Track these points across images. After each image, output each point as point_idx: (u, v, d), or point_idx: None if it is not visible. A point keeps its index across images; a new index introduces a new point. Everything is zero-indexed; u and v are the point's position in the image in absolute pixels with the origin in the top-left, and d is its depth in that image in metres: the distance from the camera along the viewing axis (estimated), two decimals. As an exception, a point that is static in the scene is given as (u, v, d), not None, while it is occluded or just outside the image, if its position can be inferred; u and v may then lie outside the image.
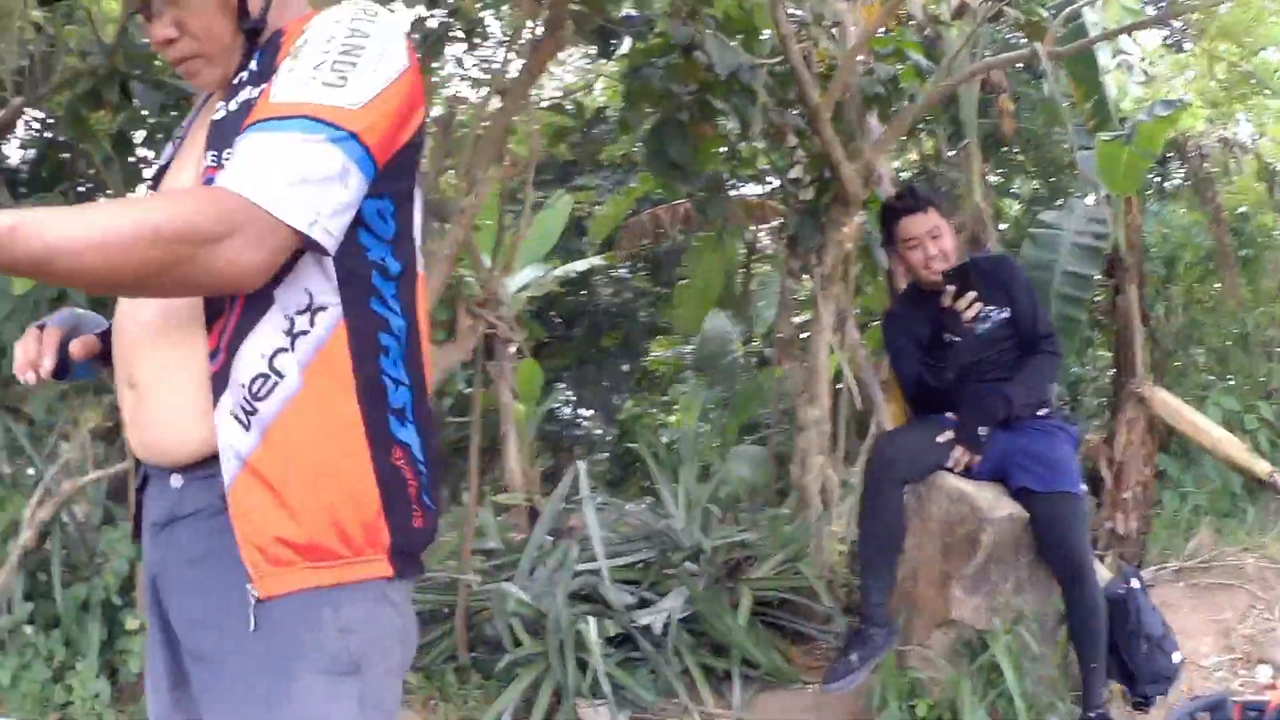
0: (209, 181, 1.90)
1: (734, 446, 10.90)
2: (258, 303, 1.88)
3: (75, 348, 2.14)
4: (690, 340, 13.03)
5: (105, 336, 2.19)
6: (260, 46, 2.07)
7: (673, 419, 16.35)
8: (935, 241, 5.17)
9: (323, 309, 1.91)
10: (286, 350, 1.88)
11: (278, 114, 1.82)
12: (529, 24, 6.25)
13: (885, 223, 5.39)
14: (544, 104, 12.31)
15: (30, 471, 6.56)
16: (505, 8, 7.43)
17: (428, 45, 6.71)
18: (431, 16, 6.80)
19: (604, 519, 7.43)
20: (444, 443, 16.91)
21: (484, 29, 7.78)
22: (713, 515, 7.24)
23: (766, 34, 6.89)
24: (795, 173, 7.18)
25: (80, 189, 7.69)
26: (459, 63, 8.10)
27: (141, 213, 1.68)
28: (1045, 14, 7.54)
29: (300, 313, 1.90)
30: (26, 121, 8.58)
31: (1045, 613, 5.15)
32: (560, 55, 10.65)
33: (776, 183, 7.67)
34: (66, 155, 7.46)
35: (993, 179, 10.55)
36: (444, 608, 6.52)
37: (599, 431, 17.26)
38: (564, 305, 14.69)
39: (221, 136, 1.95)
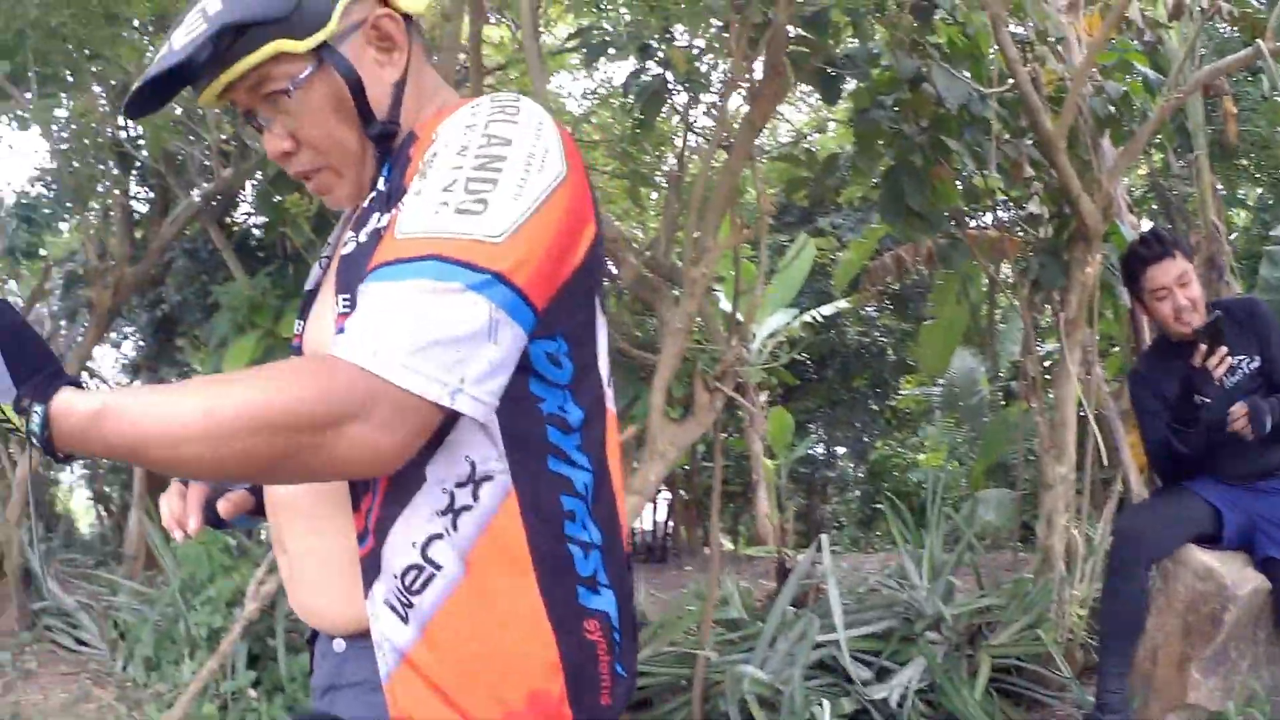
0: (342, 331, 1.50)
1: (980, 489, 10.42)
2: (406, 480, 1.51)
3: (223, 505, 1.85)
4: (937, 380, 12.58)
5: (259, 489, 1.88)
6: (393, 155, 1.68)
7: (922, 458, 16.04)
8: (1184, 290, 4.72)
9: (488, 479, 1.51)
10: (442, 536, 1.51)
11: (402, 255, 1.41)
12: (747, 70, 5.81)
13: (1129, 270, 4.95)
14: (775, 152, 12.01)
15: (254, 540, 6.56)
16: (723, 54, 7.12)
17: (645, 100, 6.47)
18: (645, 70, 6.54)
19: (848, 579, 7.17)
20: (699, 488, 17.06)
21: (704, 78, 7.50)
22: (954, 585, 6.77)
23: (991, 56, 6.34)
24: (1032, 207, 6.59)
25: (291, 267, 7.64)
26: (683, 115, 7.75)
27: (246, 396, 1.33)
28: (1257, 4, 6.84)
29: (461, 485, 1.51)
30: (254, 185, 8.60)
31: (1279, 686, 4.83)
32: (790, 97, 10.25)
33: (1014, 211, 7.17)
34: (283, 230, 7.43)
35: (1218, 187, 9.87)
36: (681, 680, 6.23)
37: (851, 468, 17.01)
38: (814, 348, 14.27)
39: (351, 276, 1.57)
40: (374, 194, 1.64)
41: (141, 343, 13.26)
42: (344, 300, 1.56)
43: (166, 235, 9.89)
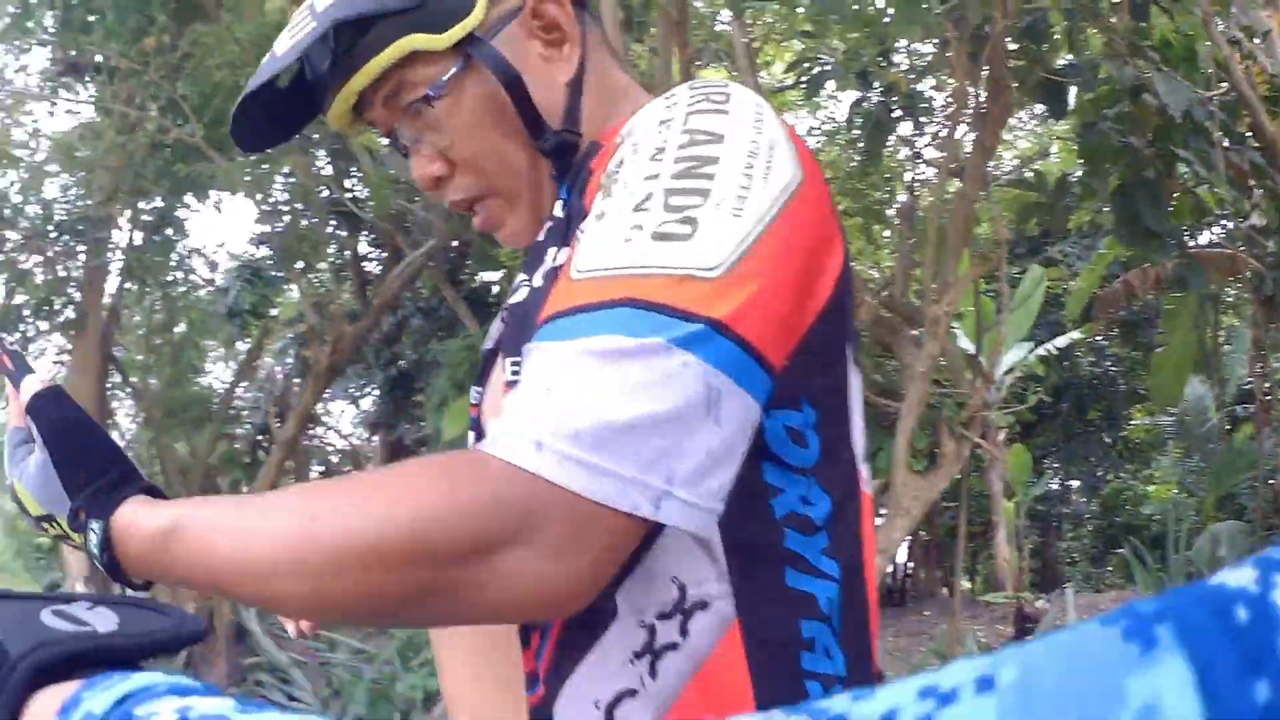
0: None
1: (1212, 522, 10.02)
2: (590, 612, 1.06)
3: None
4: (1168, 409, 12.24)
5: None
6: (572, 172, 1.28)
7: (1151, 489, 15.58)
8: None
9: (702, 606, 1.09)
10: (637, 692, 1.10)
11: (581, 301, 0.99)
12: (971, 91, 5.67)
13: None
14: (1003, 178, 11.82)
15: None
16: (944, 76, 7.02)
17: (870, 129, 6.31)
18: (867, 98, 6.41)
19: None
20: (939, 529, 16.69)
21: (927, 102, 7.42)
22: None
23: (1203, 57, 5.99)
24: (1255, 218, 6.26)
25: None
26: (909, 144, 7.68)
27: (353, 515, 0.96)
28: None
29: (664, 616, 1.09)
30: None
31: None
32: (1010, 121, 10.12)
33: (1236, 225, 6.90)
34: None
35: None
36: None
37: (1084, 502, 16.62)
38: (1048, 382, 13.99)
39: (520, 332, 1.17)
40: (550, 223, 1.26)
41: (379, 400, 13.57)
42: (512, 366, 1.17)
43: (388, 293, 10.02)
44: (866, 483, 1.22)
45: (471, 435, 1.31)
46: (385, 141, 1.36)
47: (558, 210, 1.25)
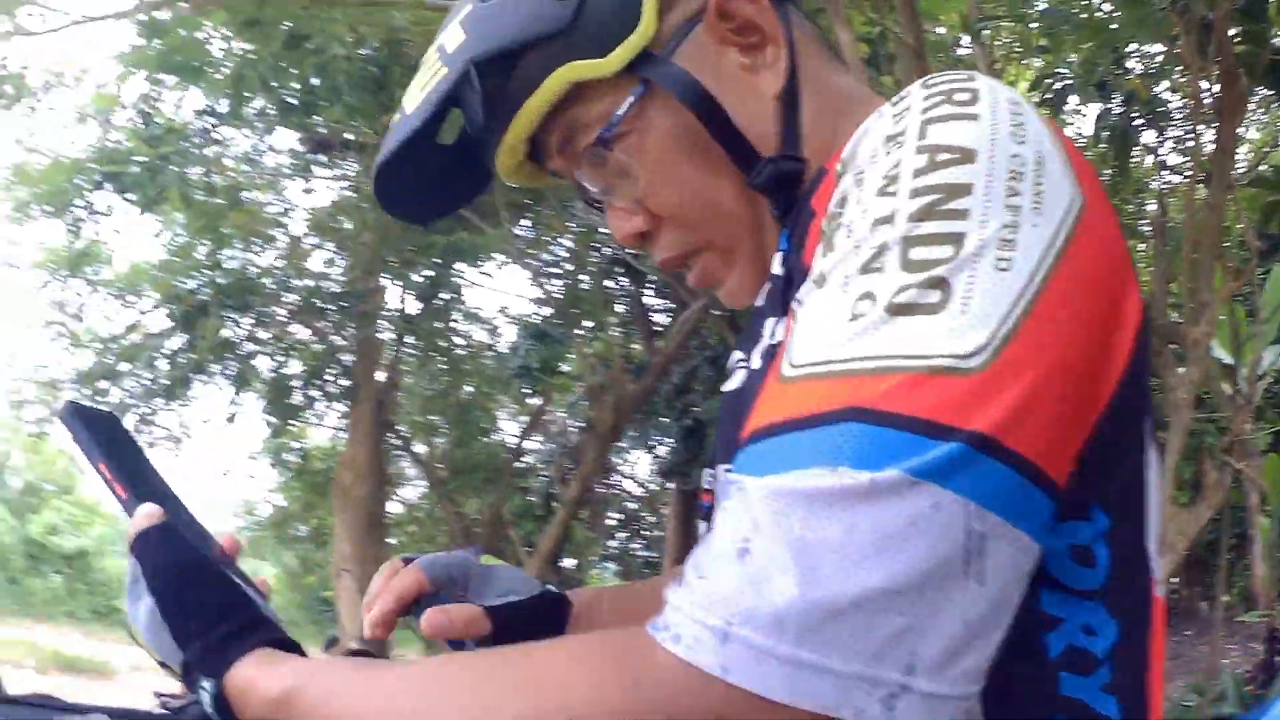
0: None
1: None
2: None
3: (428, 623, 1.17)
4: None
5: (515, 611, 1.21)
6: (794, 213, 0.99)
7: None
8: None
9: None
10: None
11: (791, 414, 0.74)
12: (1204, 86, 5.47)
13: None
14: (1242, 178, 11.63)
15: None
16: (1177, 77, 6.90)
17: (1116, 141, 6.07)
18: (1109, 109, 6.28)
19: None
20: (1197, 544, 16.22)
21: (1165, 107, 7.31)
22: None
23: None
24: None
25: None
26: (1154, 153, 7.58)
27: (481, 708, 0.79)
28: None
29: None
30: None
31: None
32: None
33: None
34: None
35: None
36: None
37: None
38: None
39: (733, 431, 0.88)
40: (768, 284, 1.00)
41: (674, 449, 13.44)
42: (725, 475, 0.96)
43: (670, 346, 10.11)
44: (1160, 583, 0.89)
45: (703, 526, 1.04)
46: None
47: (775, 265, 0.98)
